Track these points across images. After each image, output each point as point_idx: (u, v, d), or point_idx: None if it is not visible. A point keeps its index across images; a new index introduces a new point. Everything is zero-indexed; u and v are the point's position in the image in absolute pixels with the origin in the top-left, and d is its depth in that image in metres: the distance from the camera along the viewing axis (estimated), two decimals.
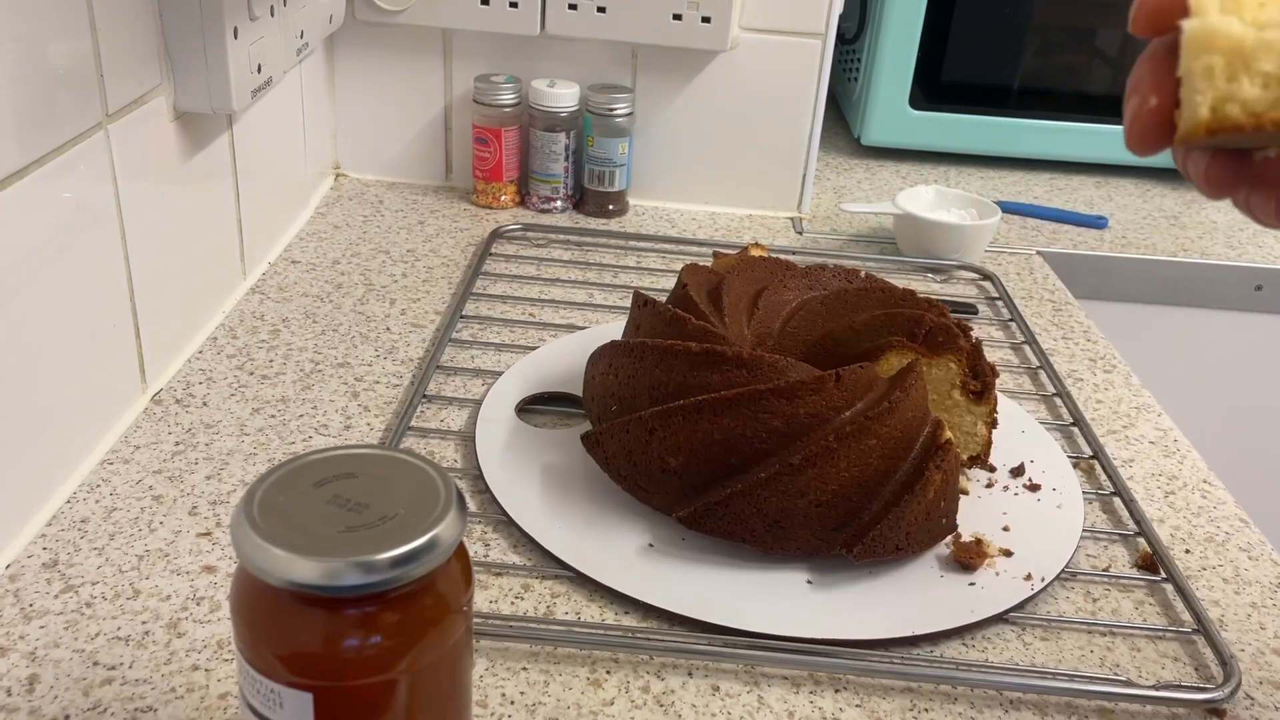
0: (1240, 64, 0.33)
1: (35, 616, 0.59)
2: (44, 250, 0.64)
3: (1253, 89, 0.33)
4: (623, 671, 0.59)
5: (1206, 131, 0.33)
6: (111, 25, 0.68)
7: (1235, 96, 0.33)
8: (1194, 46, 0.33)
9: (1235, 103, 0.33)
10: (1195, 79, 0.33)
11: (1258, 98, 0.33)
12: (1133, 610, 0.66)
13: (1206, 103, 0.33)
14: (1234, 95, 0.33)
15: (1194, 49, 0.33)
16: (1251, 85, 0.33)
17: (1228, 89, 0.33)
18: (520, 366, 0.83)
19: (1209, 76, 0.33)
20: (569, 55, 1.13)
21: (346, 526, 0.42)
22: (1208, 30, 0.33)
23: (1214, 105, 0.33)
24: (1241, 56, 0.33)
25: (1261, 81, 0.33)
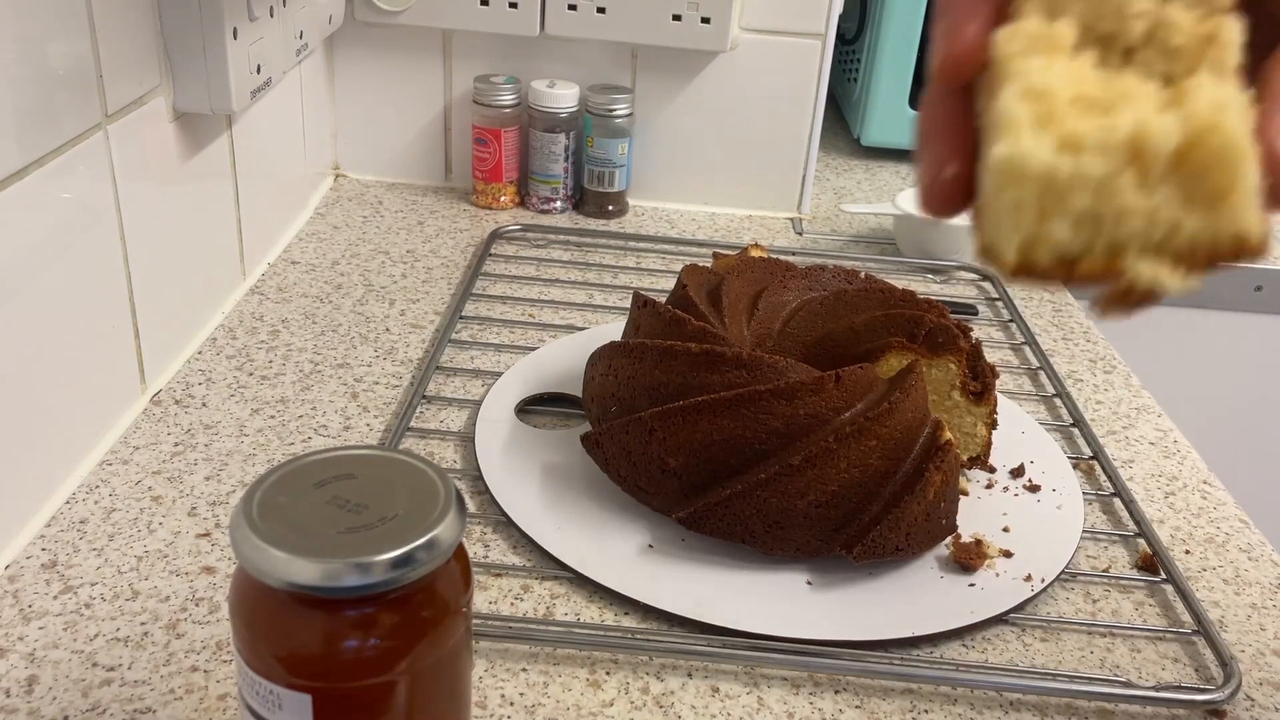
0: (1053, 201, 0.28)
1: (34, 617, 0.59)
2: (43, 251, 0.63)
3: (1064, 231, 0.28)
4: (622, 672, 0.59)
5: (1011, 274, 0.29)
6: (111, 26, 0.68)
7: (1045, 240, 0.28)
8: (1001, 177, 0.28)
9: (1045, 247, 0.28)
10: (1001, 214, 0.28)
11: (1070, 241, 0.28)
12: (1133, 611, 0.66)
13: (1013, 246, 0.28)
14: (1044, 238, 0.28)
15: (1001, 179, 0.28)
16: (1063, 227, 0.28)
17: (1037, 230, 0.28)
18: (520, 367, 0.83)
19: (1017, 212, 0.28)
20: (569, 56, 1.13)
21: (346, 527, 0.42)
22: (1017, 163, 0.28)
23: (1021, 249, 0.28)
24: (1055, 192, 0.28)
25: (1073, 222, 0.28)
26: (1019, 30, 0.29)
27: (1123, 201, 0.28)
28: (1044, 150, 0.27)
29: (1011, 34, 0.29)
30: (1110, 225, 0.28)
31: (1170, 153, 0.27)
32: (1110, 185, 0.28)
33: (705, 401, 0.64)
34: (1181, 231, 0.28)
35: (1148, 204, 0.28)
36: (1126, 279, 0.28)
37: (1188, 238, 0.28)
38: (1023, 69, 0.28)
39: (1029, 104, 0.28)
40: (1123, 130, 0.27)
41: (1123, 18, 0.30)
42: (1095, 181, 0.27)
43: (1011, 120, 0.28)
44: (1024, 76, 0.28)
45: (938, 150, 0.31)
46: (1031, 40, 0.29)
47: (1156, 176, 0.28)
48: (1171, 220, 0.28)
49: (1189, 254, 0.28)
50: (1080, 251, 0.28)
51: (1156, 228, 0.28)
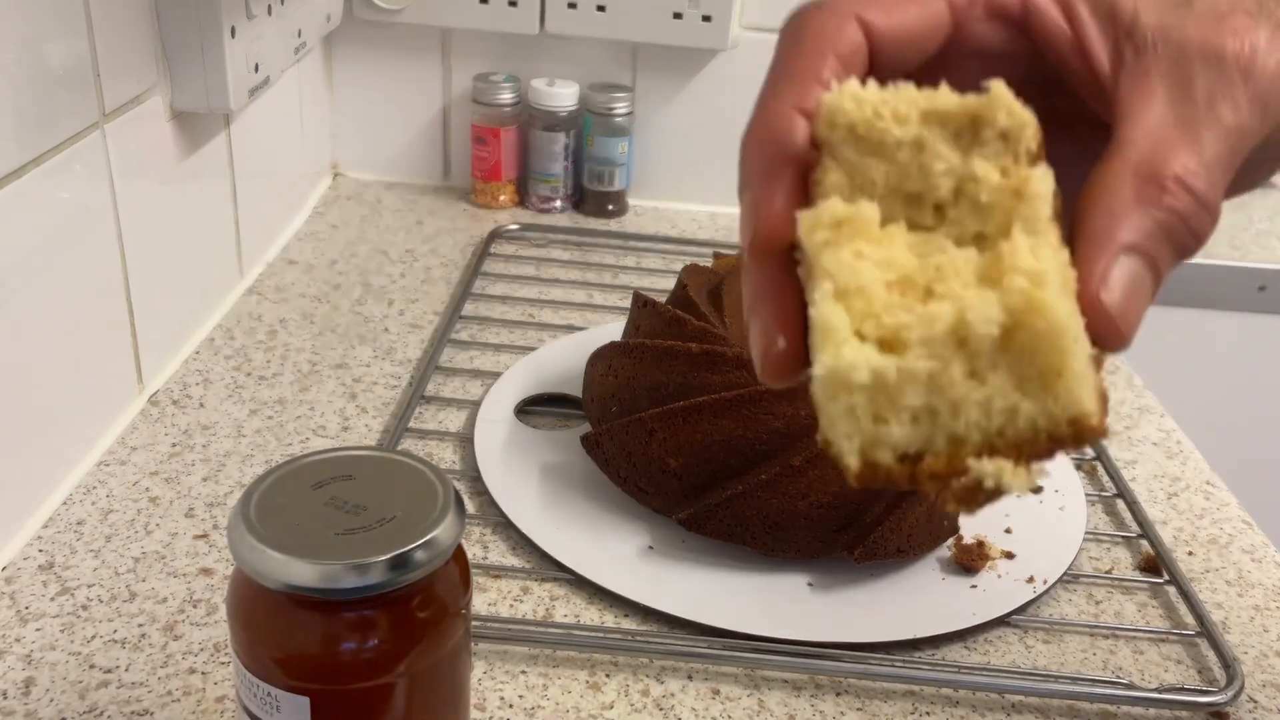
0: (885, 403, 0.27)
1: (31, 619, 0.58)
2: (40, 250, 0.63)
3: (902, 431, 0.27)
4: (622, 675, 0.58)
5: (856, 479, 0.28)
6: (108, 24, 0.68)
7: (884, 441, 0.27)
8: (828, 389, 0.27)
9: (884, 448, 0.28)
10: (835, 421, 0.27)
11: (909, 440, 0.27)
12: (1135, 613, 0.65)
13: (854, 451, 0.28)
14: (882, 440, 0.27)
15: (828, 391, 0.27)
16: (900, 427, 0.27)
17: (874, 433, 0.27)
18: (519, 367, 0.83)
19: (851, 418, 0.27)
20: (568, 54, 1.13)
21: (344, 529, 0.42)
22: (841, 375, 0.27)
23: (862, 452, 0.28)
24: (885, 394, 0.27)
25: (910, 420, 0.27)
26: (821, 217, 0.28)
27: (955, 394, 0.27)
28: (866, 358, 0.27)
29: (814, 221, 0.28)
30: (947, 419, 0.27)
31: (994, 339, 0.27)
32: (940, 380, 0.27)
33: (706, 402, 0.64)
34: (1018, 417, 0.27)
35: (981, 394, 0.27)
36: (971, 477, 0.27)
37: (1026, 424, 0.27)
38: (832, 264, 0.28)
39: (844, 305, 0.27)
40: (944, 321, 0.27)
41: (927, 178, 0.29)
42: (924, 378, 0.27)
43: (828, 327, 0.27)
44: (834, 273, 0.27)
45: (765, 323, 0.30)
46: (836, 226, 0.28)
47: (985, 364, 0.27)
48: (1007, 408, 0.27)
49: (1030, 441, 0.27)
50: (921, 448, 0.28)
51: (993, 416, 0.27)
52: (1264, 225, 1.29)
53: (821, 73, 0.29)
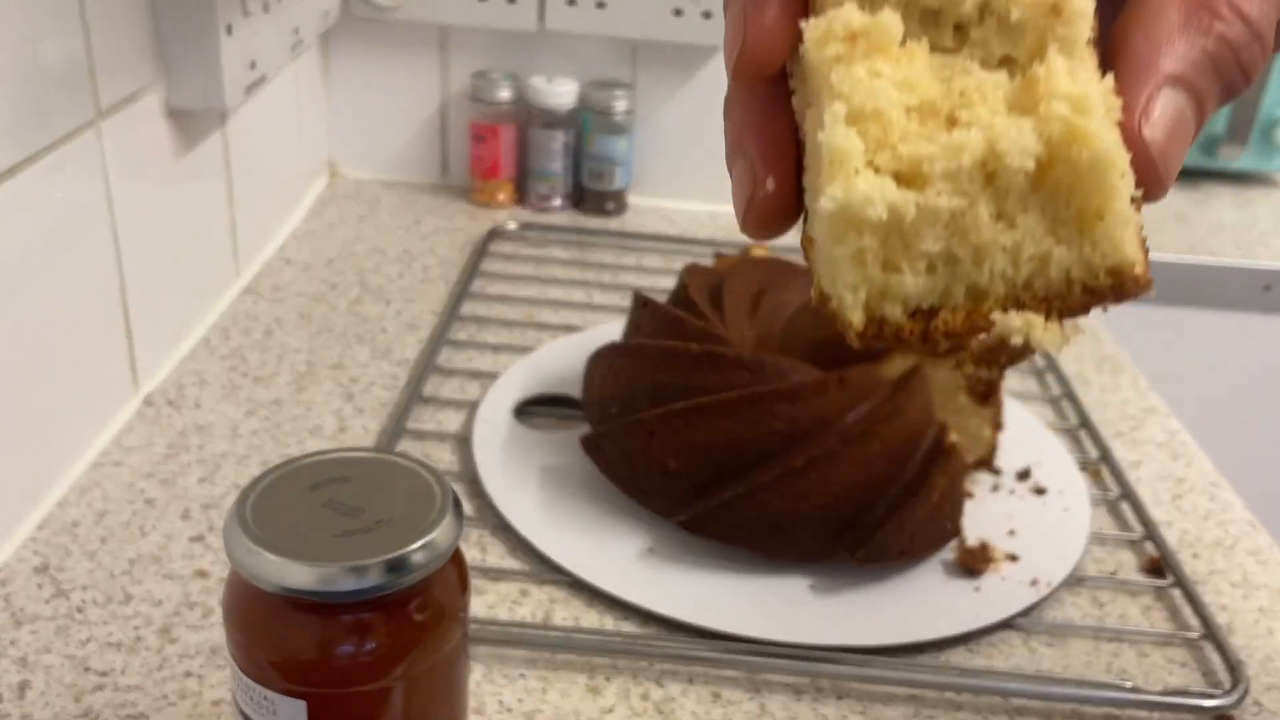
0: (899, 247, 0.24)
1: (26, 621, 0.58)
2: (35, 249, 0.63)
3: (916, 281, 0.24)
4: (622, 678, 0.58)
5: (859, 337, 0.24)
6: (103, 21, 0.67)
7: (894, 292, 0.24)
8: (836, 227, 0.23)
9: (894, 300, 0.24)
10: (839, 267, 0.24)
11: (923, 291, 0.24)
12: (1140, 615, 0.65)
13: (858, 304, 0.24)
14: (893, 291, 0.24)
15: (836, 229, 0.24)
16: (914, 276, 0.24)
17: (883, 283, 0.24)
18: (518, 368, 0.82)
19: (858, 265, 0.24)
20: (567, 51, 1.13)
21: (341, 531, 0.42)
22: (853, 211, 0.23)
23: (868, 306, 0.24)
24: (900, 237, 0.24)
25: (925, 268, 0.24)
26: (833, 25, 0.24)
27: (980, 238, 0.24)
28: (882, 191, 0.23)
29: (824, 32, 0.24)
30: (968, 267, 0.24)
31: (1028, 174, 0.23)
32: (963, 221, 0.24)
33: (706, 403, 0.64)
34: (1050, 266, 0.24)
35: (1010, 238, 0.24)
36: (994, 333, 0.24)
37: (1059, 274, 0.24)
38: (845, 82, 0.24)
39: (858, 130, 0.24)
40: (972, 151, 0.23)
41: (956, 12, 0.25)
42: (946, 218, 0.24)
43: (840, 155, 0.23)
44: (847, 94, 0.24)
45: (751, 162, 0.27)
46: (850, 40, 0.24)
47: (1015, 204, 0.24)
48: (1037, 254, 0.24)
49: (1062, 294, 0.24)
50: (936, 302, 0.24)
51: (1021, 265, 0.24)
52: (1269, 225, 1.28)
53: None
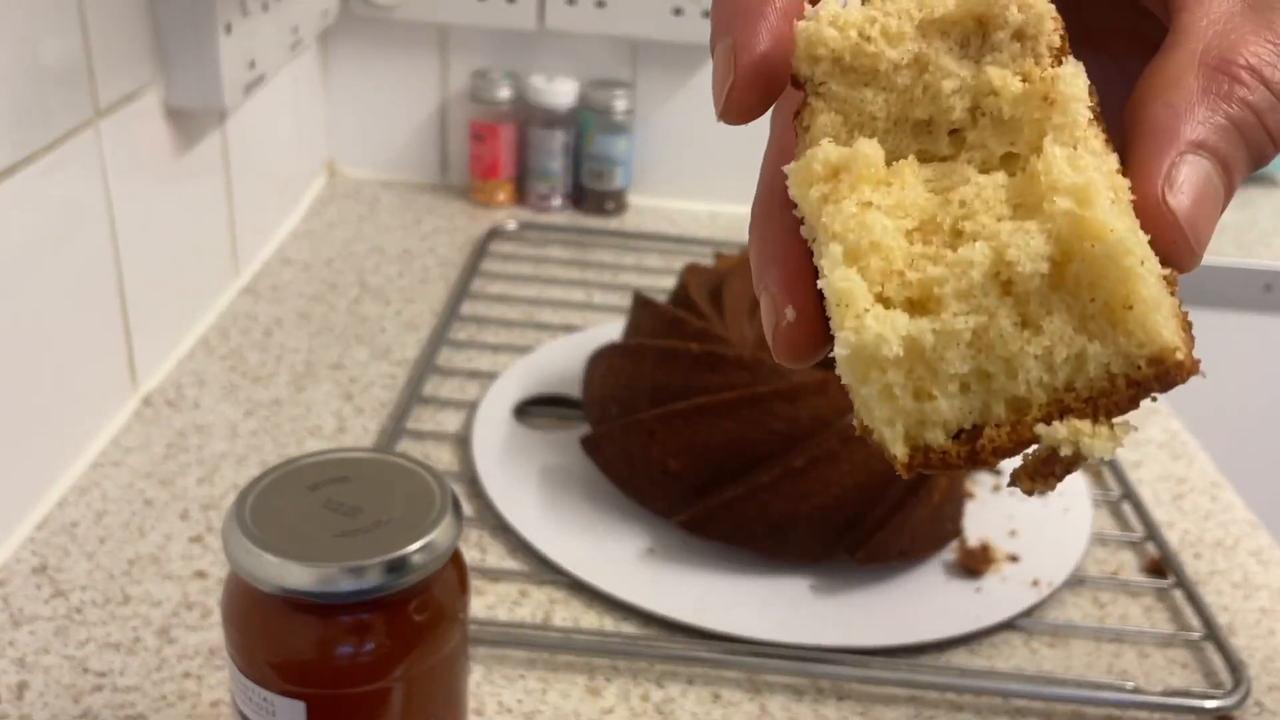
0: (927, 376, 0.23)
1: (24, 622, 0.58)
2: (33, 249, 0.63)
3: (952, 405, 0.23)
4: (622, 679, 0.58)
5: (906, 469, 0.23)
6: (102, 20, 0.67)
7: (932, 420, 0.23)
8: (856, 371, 0.23)
9: (935, 427, 0.23)
10: (871, 405, 0.23)
11: (961, 413, 0.23)
12: (1141, 616, 0.65)
13: (899, 436, 0.23)
14: (930, 419, 0.23)
15: (857, 373, 0.23)
16: (948, 401, 0.23)
17: (919, 410, 0.23)
18: (518, 368, 0.82)
19: (889, 400, 0.23)
20: (567, 50, 1.12)
21: (340, 531, 0.41)
22: (869, 353, 0.22)
23: (910, 437, 0.23)
24: (925, 365, 0.23)
25: (959, 386, 0.23)
26: (811, 166, 0.24)
27: (1008, 350, 0.23)
28: (894, 325, 0.22)
29: (805, 175, 0.24)
30: (1002, 381, 0.23)
31: (1044, 277, 0.22)
32: (987, 336, 0.23)
33: (706, 403, 0.63)
34: (1087, 365, 0.22)
35: (1038, 344, 0.23)
36: (1043, 446, 0.23)
37: (1098, 372, 0.22)
38: (836, 220, 0.23)
39: (859, 267, 0.23)
40: (980, 265, 0.22)
41: (936, 100, 0.24)
42: (968, 338, 0.23)
43: (844, 298, 0.23)
44: (841, 233, 0.23)
45: (772, 294, 0.26)
46: (833, 176, 0.24)
47: (1038, 309, 0.23)
48: (1071, 355, 0.22)
49: (1106, 391, 0.22)
50: (979, 420, 0.23)
51: (1057, 369, 0.23)
52: (1270, 225, 1.28)
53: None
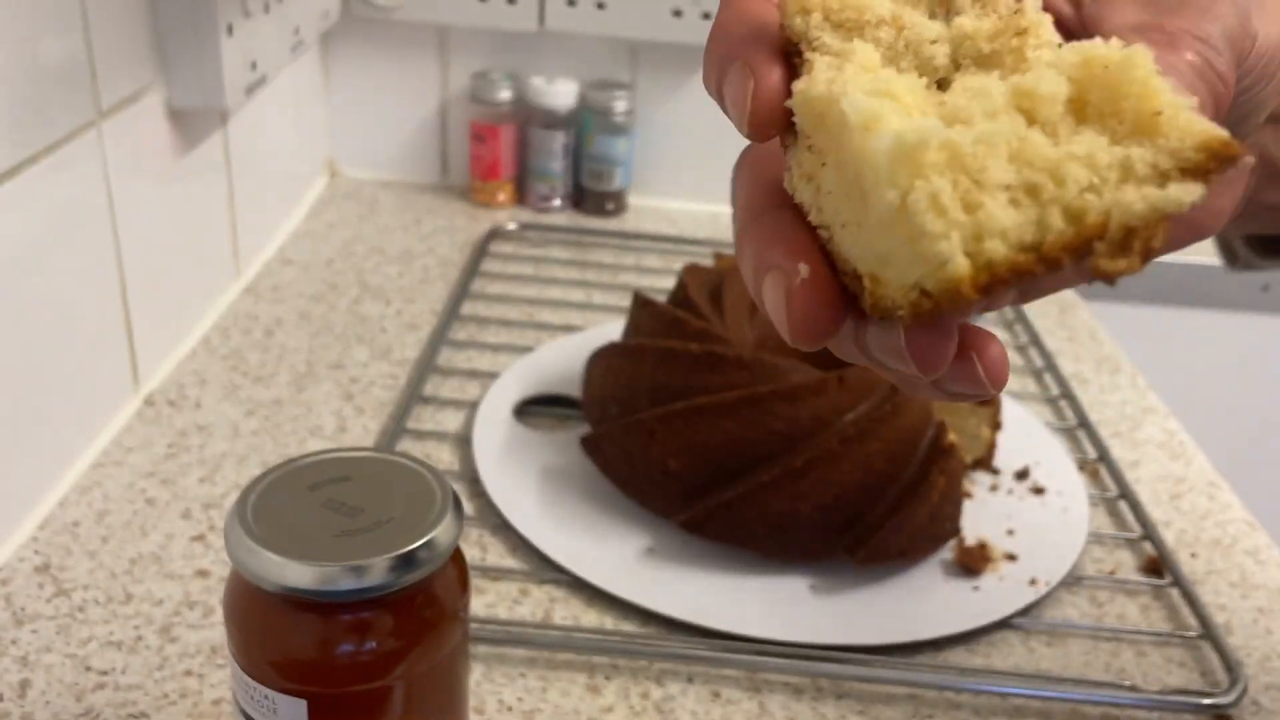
0: (971, 185, 0.22)
1: (27, 621, 0.58)
2: (35, 249, 0.63)
3: (1006, 213, 0.22)
4: (622, 678, 0.58)
5: (975, 289, 0.22)
6: (104, 21, 0.67)
7: (990, 227, 0.22)
8: (897, 172, 0.22)
9: (994, 237, 0.22)
10: (920, 217, 0.22)
11: (1019, 221, 0.22)
12: (1138, 615, 0.65)
13: (958, 248, 0.22)
14: (986, 226, 0.22)
15: (898, 175, 0.22)
16: (1001, 209, 0.22)
17: (973, 222, 0.22)
18: (518, 368, 0.82)
19: (938, 208, 0.21)
20: (567, 52, 1.13)
21: (341, 530, 0.42)
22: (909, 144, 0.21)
23: (970, 250, 0.22)
24: (968, 172, 0.22)
25: (1008, 199, 0.22)
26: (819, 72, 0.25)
27: (1050, 157, 0.22)
28: (934, 127, 0.22)
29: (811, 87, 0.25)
30: (1052, 190, 0.22)
31: (1066, 99, 0.22)
32: (1026, 150, 0.22)
33: (706, 403, 0.64)
34: (1136, 169, 0.22)
35: (1082, 148, 0.22)
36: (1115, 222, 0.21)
37: (1148, 170, 0.22)
38: (853, 81, 0.23)
39: (880, 100, 0.23)
40: (999, 94, 0.22)
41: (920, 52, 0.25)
42: (1006, 144, 0.22)
43: (870, 115, 0.22)
44: (860, 84, 0.23)
45: (780, 266, 0.26)
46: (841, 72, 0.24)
47: (1068, 128, 0.22)
48: (1115, 161, 0.22)
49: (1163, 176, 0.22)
50: (1037, 236, 0.22)
51: (1108, 172, 0.22)
52: None
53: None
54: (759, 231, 0.28)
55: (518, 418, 0.77)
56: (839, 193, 0.24)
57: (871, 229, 0.23)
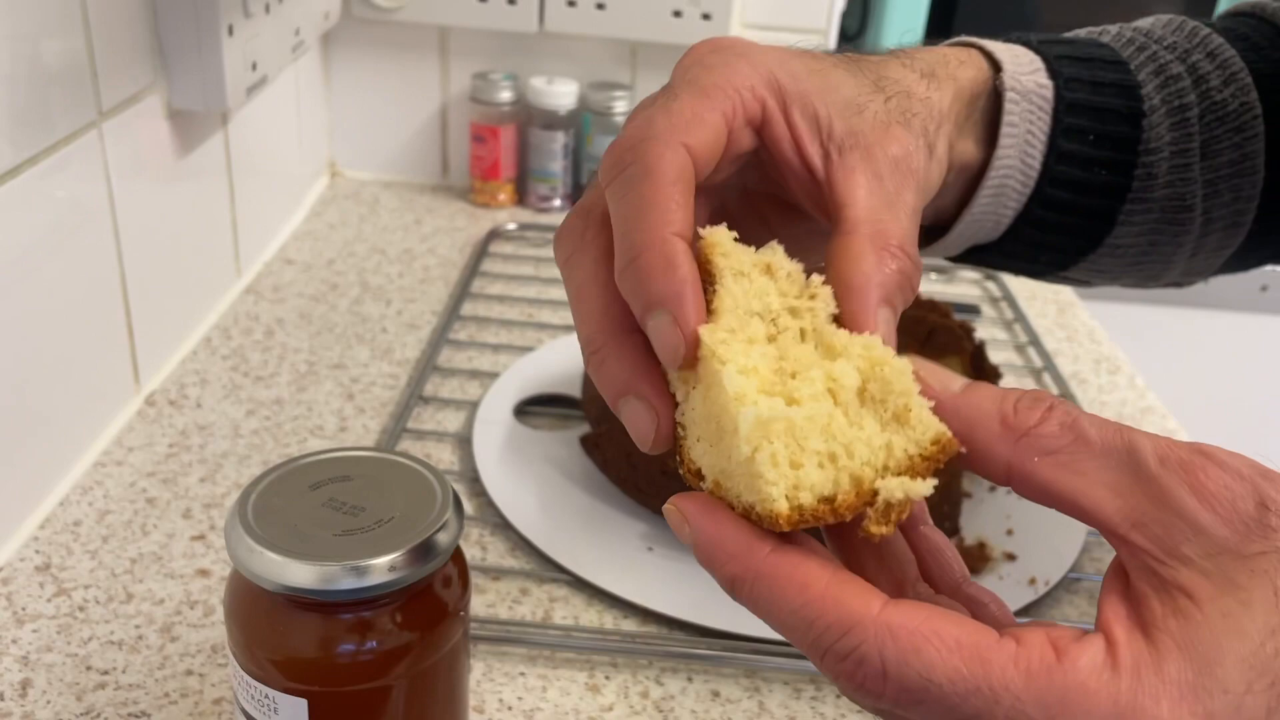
0: (797, 448, 0.31)
1: (28, 620, 0.58)
2: (37, 250, 0.63)
3: (815, 473, 0.31)
4: (621, 676, 0.58)
5: (787, 523, 0.31)
6: (105, 22, 0.67)
7: (803, 484, 0.31)
8: (754, 434, 0.31)
9: (805, 491, 0.31)
10: (763, 469, 0.31)
11: (822, 481, 0.31)
12: None
13: (782, 494, 0.31)
14: (802, 483, 0.31)
15: (754, 436, 0.31)
16: (812, 469, 0.31)
17: (795, 476, 0.31)
18: (518, 368, 0.82)
19: (774, 465, 0.31)
20: (567, 52, 1.13)
21: (342, 530, 0.42)
22: (765, 419, 0.31)
23: (789, 496, 0.31)
24: (796, 440, 0.31)
25: (818, 464, 0.31)
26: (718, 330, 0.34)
27: (846, 436, 0.32)
28: (780, 406, 0.31)
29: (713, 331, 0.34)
30: (845, 459, 0.31)
31: (857, 389, 0.32)
32: (832, 426, 0.32)
33: None
34: (895, 451, 0.32)
35: (863, 435, 0.32)
36: (881, 499, 0.31)
37: (902, 454, 0.32)
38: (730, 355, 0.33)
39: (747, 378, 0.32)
40: (818, 381, 0.32)
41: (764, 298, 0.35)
42: (821, 423, 0.31)
43: (742, 392, 0.32)
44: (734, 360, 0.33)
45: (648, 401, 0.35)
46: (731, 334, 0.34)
47: (856, 411, 0.32)
48: (884, 444, 0.32)
49: (910, 467, 0.32)
50: (832, 491, 0.31)
51: (878, 452, 0.32)
52: None
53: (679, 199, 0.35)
54: (624, 353, 0.35)
55: (518, 417, 0.77)
56: (701, 414, 0.34)
57: (724, 456, 0.33)
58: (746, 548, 0.32)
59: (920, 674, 0.29)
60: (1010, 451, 0.32)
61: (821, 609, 0.30)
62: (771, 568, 0.31)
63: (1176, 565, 0.30)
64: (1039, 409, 0.32)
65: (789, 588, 0.31)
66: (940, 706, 0.29)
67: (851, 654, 0.30)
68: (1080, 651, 0.29)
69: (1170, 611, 0.29)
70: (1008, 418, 0.32)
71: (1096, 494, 0.31)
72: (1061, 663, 0.29)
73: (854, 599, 0.30)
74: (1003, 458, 0.32)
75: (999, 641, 0.29)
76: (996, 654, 0.29)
